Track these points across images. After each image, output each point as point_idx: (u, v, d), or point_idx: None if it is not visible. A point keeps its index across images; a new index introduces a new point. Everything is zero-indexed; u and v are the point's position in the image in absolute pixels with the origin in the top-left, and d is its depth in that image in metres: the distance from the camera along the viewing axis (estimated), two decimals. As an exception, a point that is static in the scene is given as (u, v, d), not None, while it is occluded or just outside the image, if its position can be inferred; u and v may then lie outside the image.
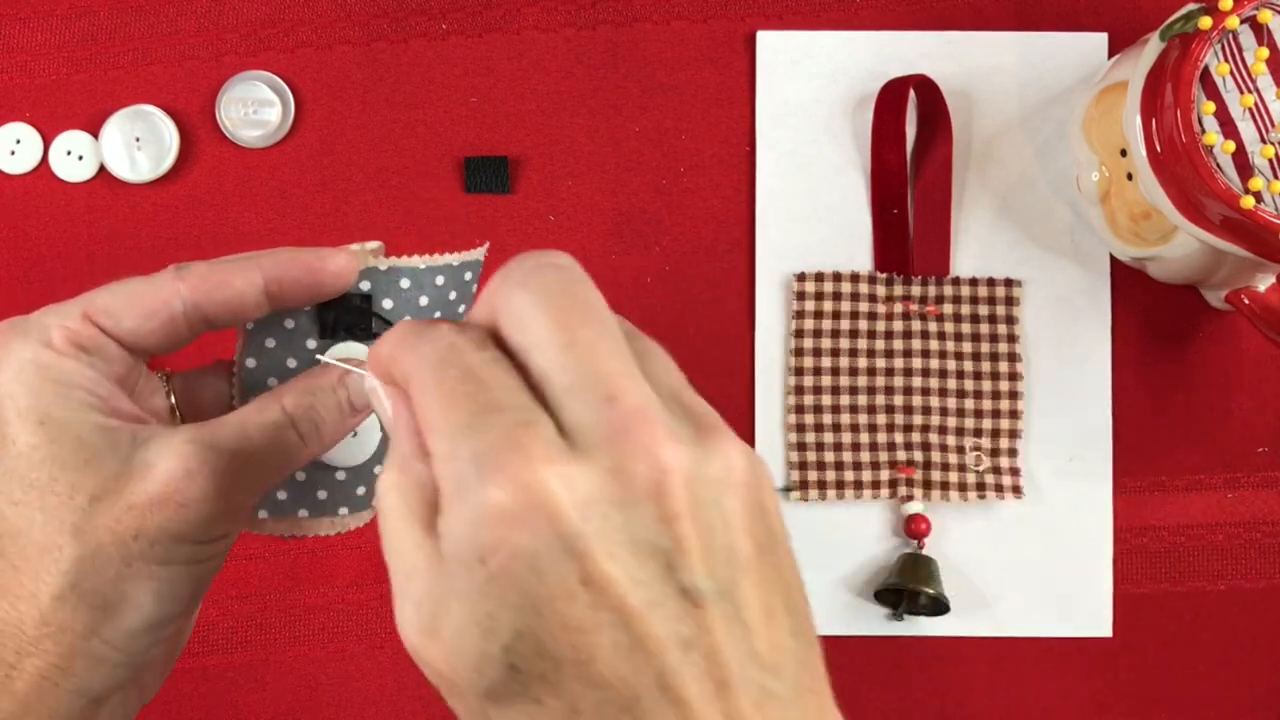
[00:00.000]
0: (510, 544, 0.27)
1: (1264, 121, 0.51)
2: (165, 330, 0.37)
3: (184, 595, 0.37)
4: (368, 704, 0.61)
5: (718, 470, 0.29)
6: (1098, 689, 0.61)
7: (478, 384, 0.28)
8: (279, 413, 0.38)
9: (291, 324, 0.40)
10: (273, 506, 0.41)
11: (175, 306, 0.37)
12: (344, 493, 0.42)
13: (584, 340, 0.29)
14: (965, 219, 0.61)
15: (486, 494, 0.27)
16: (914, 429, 0.61)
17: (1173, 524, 0.61)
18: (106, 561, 0.35)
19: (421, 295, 0.39)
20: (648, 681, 0.28)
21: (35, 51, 0.62)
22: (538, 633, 0.27)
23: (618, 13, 0.62)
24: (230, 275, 0.37)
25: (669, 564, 0.28)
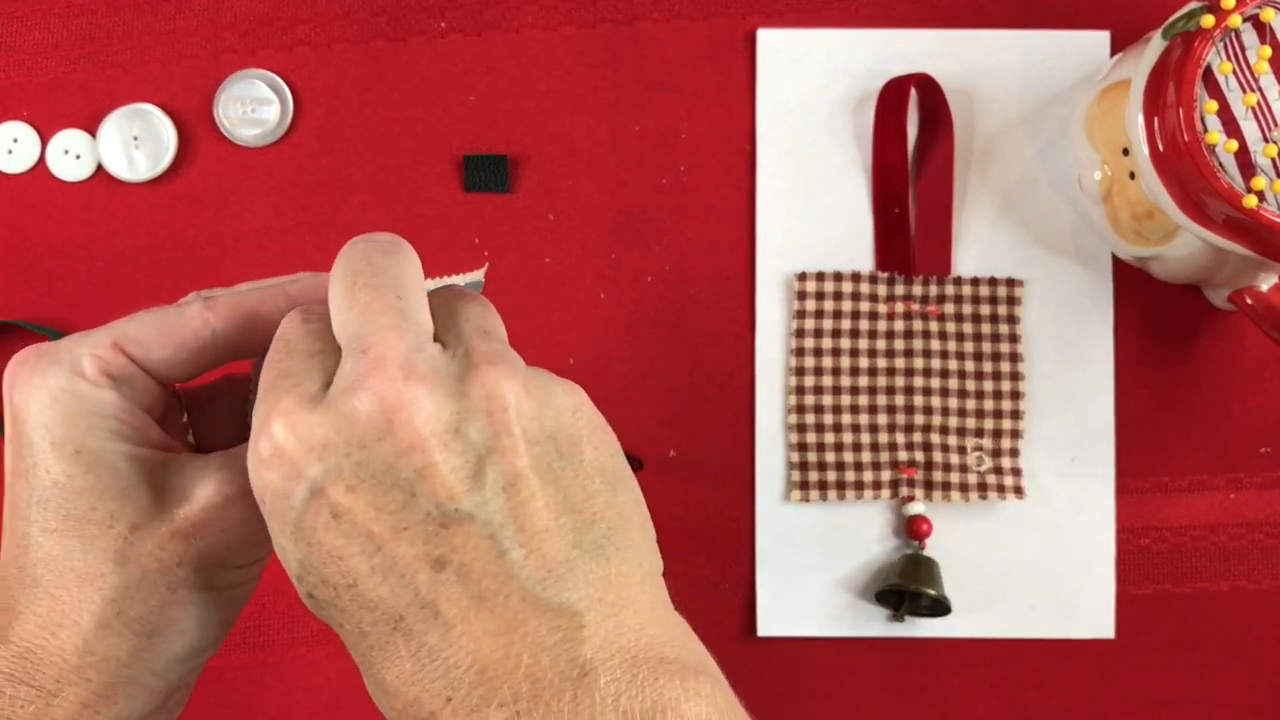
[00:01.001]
0: (270, 486, 0.32)
1: (1267, 120, 0.51)
2: (194, 361, 0.38)
3: (225, 618, 0.38)
4: (367, 704, 0.61)
5: (477, 399, 0.31)
6: (1100, 690, 0.61)
7: (286, 353, 0.33)
8: None
9: None
10: None
11: (205, 336, 0.37)
12: None
13: (361, 302, 0.32)
14: (967, 218, 0.61)
15: (257, 445, 0.32)
16: (915, 429, 0.60)
17: (1175, 524, 0.61)
18: (151, 589, 0.36)
19: None
20: (405, 601, 0.31)
21: (33, 50, 0.61)
22: (313, 562, 0.32)
23: (618, 11, 0.62)
24: (258, 304, 0.37)
25: (412, 491, 0.31)
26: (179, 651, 0.37)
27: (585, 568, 0.32)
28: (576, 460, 0.32)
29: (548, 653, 0.30)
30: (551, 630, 0.31)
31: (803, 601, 0.61)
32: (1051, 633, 0.61)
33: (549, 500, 0.32)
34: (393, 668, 0.31)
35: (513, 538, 0.31)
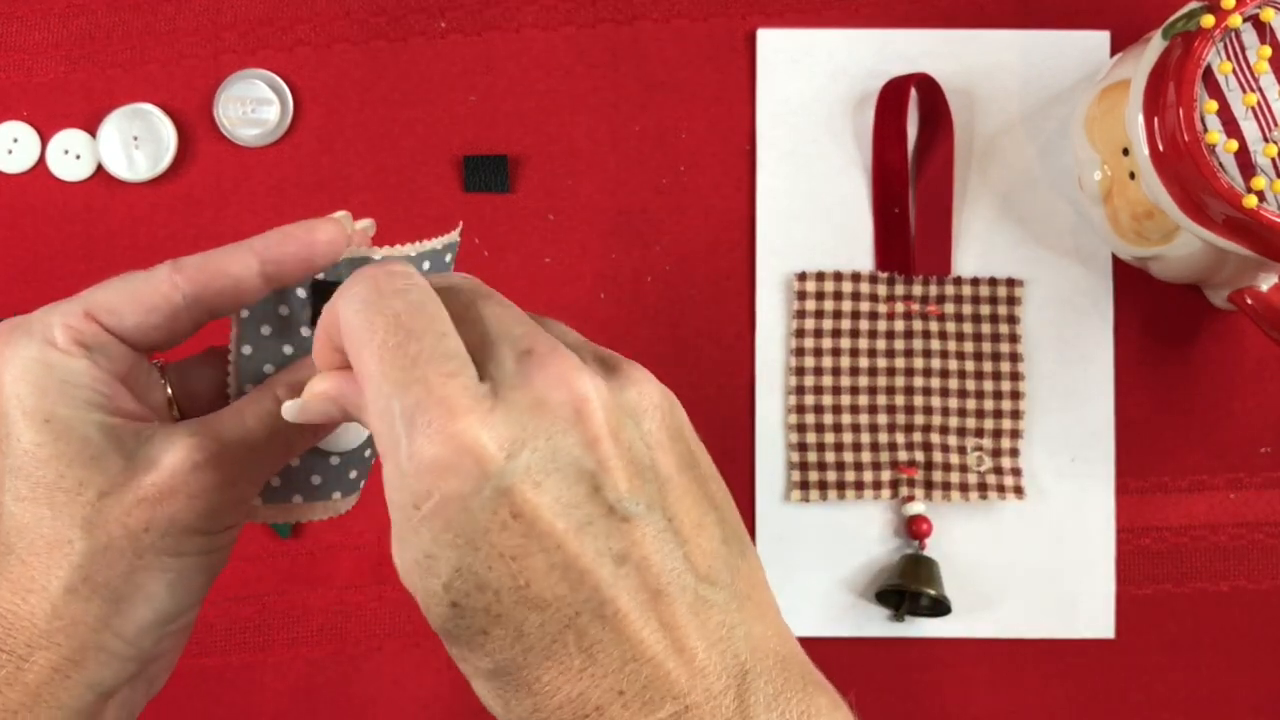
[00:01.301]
0: (440, 489, 0.29)
1: (1267, 120, 0.51)
2: (168, 325, 0.38)
3: (195, 586, 0.38)
4: (367, 704, 0.61)
5: (633, 397, 0.31)
6: (1100, 690, 0.61)
7: (406, 332, 0.31)
8: (273, 402, 0.38)
9: (286, 311, 0.40)
10: (267, 493, 0.41)
11: (176, 300, 0.38)
12: (337, 477, 0.42)
13: (493, 312, 0.32)
14: (967, 218, 0.61)
15: (416, 448, 0.29)
16: (915, 429, 0.60)
17: (1175, 524, 0.61)
18: (118, 555, 0.36)
19: None
20: (584, 597, 0.30)
21: (32, 50, 0.61)
22: (474, 567, 0.30)
23: (618, 11, 0.62)
24: (226, 263, 0.38)
25: (595, 485, 0.30)
26: (148, 618, 0.37)
27: (733, 564, 0.32)
28: (699, 459, 0.33)
29: (713, 651, 0.30)
30: (716, 627, 0.31)
31: (803, 601, 0.61)
32: (1051, 633, 0.61)
33: (696, 497, 0.32)
34: (555, 666, 0.30)
35: (676, 533, 0.31)
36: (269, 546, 0.61)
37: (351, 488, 0.43)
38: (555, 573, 0.30)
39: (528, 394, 0.30)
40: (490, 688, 0.31)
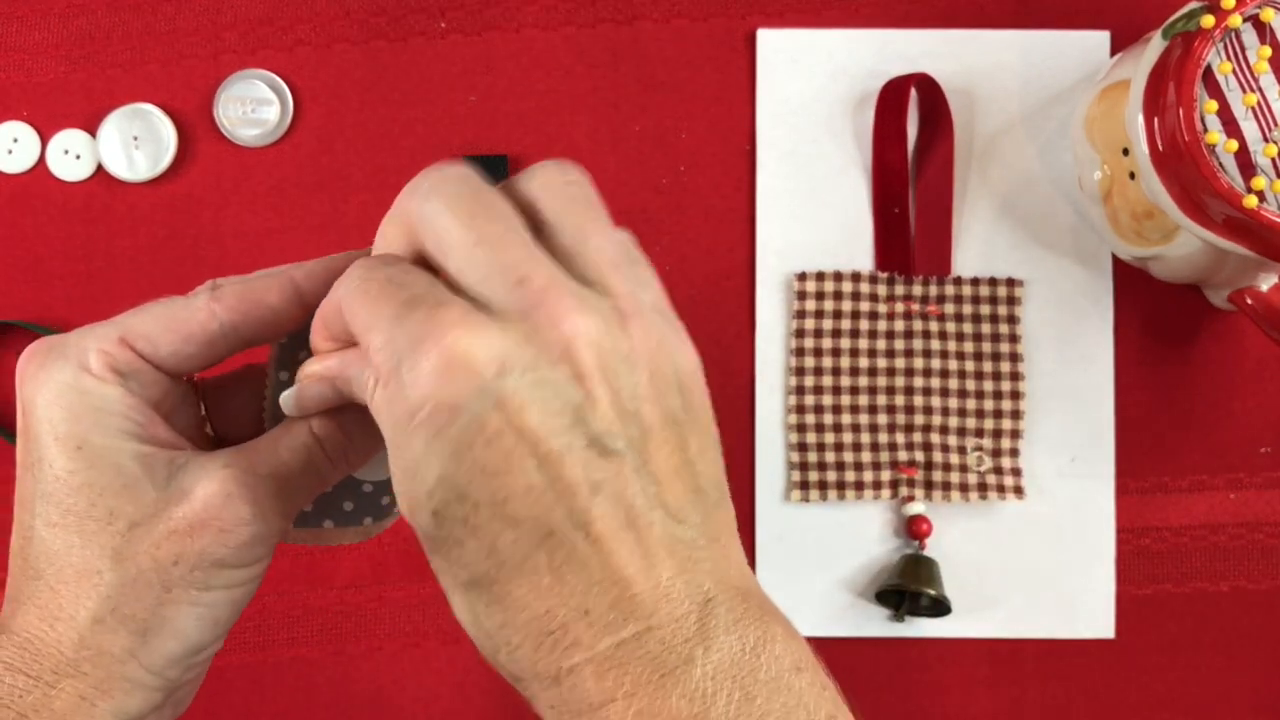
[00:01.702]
0: (435, 398, 0.30)
1: (1267, 120, 0.51)
2: (203, 354, 0.37)
3: (223, 619, 0.37)
4: (367, 704, 0.61)
5: (630, 345, 0.32)
6: (1100, 690, 0.61)
7: (398, 285, 0.32)
8: (307, 434, 0.37)
9: None
10: (299, 517, 0.41)
11: (213, 329, 0.37)
12: (369, 503, 0.41)
13: (491, 236, 0.32)
14: (966, 218, 0.61)
15: (416, 363, 0.31)
16: (915, 429, 0.60)
17: (1175, 525, 0.61)
18: (146, 587, 0.36)
19: None
20: (560, 516, 0.31)
21: (32, 50, 0.61)
22: (456, 478, 0.31)
23: (618, 11, 0.62)
24: (265, 293, 0.37)
25: (580, 416, 0.31)
26: (174, 651, 0.36)
27: (704, 510, 0.33)
28: (694, 417, 0.33)
29: (679, 579, 0.32)
30: (684, 559, 0.32)
31: (803, 601, 0.61)
32: (1051, 633, 0.61)
33: (674, 448, 0.33)
34: (526, 582, 0.31)
35: (650, 476, 0.32)
36: (269, 546, 0.61)
37: (383, 514, 0.42)
38: (533, 492, 0.31)
39: (521, 325, 0.31)
40: (464, 601, 0.33)
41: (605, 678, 0.32)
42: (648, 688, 0.31)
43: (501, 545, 0.31)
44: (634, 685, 0.31)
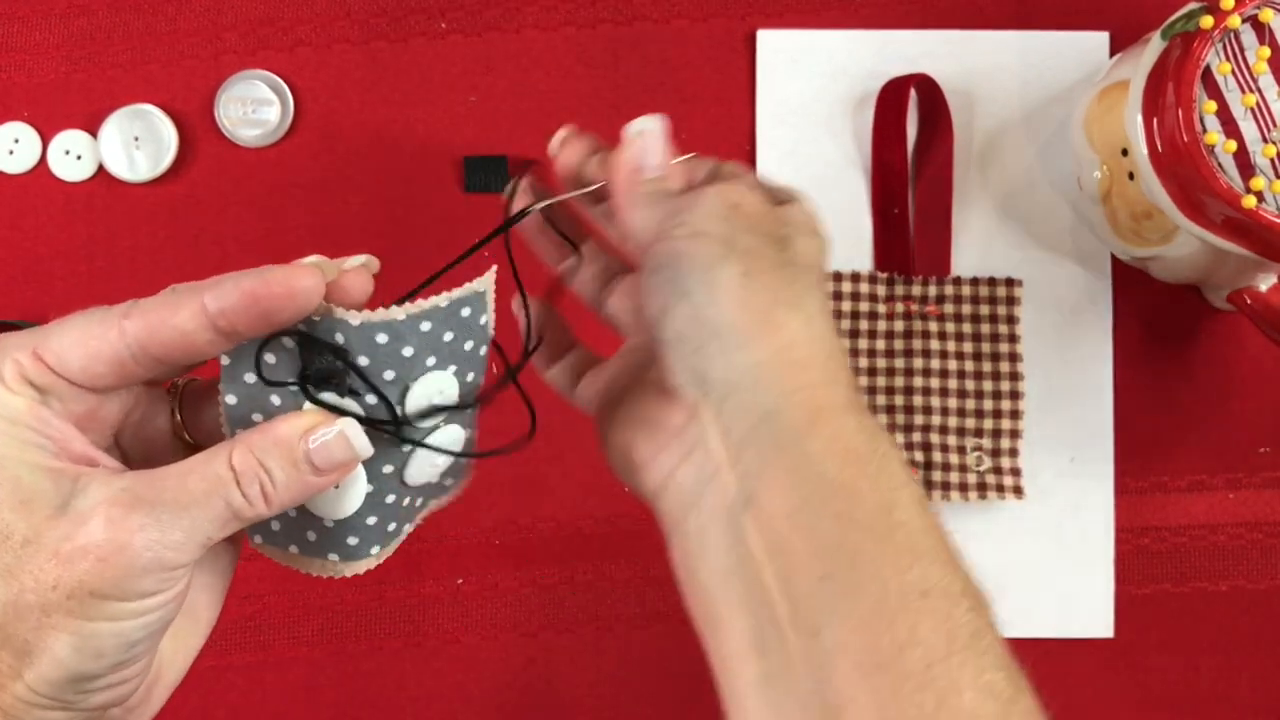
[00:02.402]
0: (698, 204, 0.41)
1: (1266, 121, 0.51)
2: (115, 372, 0.35)
3: (108, 652, 0.34)
4: (367, 704, 0.61)
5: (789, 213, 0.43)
6: (1099, 689, 0.61)
7: None
8: (224, 468, 0.35)
9: (273, 359, 0.36)
10: (266, 534, 0.40)
11: (120, 348, 0.35)
12: (332, 540, 0.39)
13: None
14: (966, 218, 0.61)
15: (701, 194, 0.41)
16: (915, 429, 0.60)
17: (1174, 524, 0.61)
18: (27, 609, 0.34)
19: (404, 346, 0.36)
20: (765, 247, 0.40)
21: (33, 51, 0.61)
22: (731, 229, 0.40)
23: (617, 11, 0.62)
24: (171, 313, 0.35)
25: (769, 214, 0.42)
26: (55, 677, 0.34)
27: None
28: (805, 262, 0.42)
29: None
30: None
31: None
32: (1051, 632, 0.61)
33: None
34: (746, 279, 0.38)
35: None
36: (269, 546, 0.61)
37: (352, 554, 0.40)
38: (750, 236, 0.40)
39: None
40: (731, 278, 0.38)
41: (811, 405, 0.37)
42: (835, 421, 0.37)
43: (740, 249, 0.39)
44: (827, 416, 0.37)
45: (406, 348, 0.36)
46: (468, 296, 0.37)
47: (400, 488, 0.39)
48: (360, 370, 0.36)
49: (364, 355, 0.36)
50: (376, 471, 0.38)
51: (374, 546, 0.40)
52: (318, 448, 0.36)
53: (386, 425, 0.37)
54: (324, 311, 0.36)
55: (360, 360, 0.36)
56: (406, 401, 0.37)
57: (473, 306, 0.37)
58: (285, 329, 0.36)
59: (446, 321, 0.37)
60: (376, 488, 0.38)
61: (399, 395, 0.37)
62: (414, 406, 0.37)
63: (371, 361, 0.36)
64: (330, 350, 0.36)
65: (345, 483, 0.37)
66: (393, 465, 0.38)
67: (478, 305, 0.38)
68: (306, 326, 0.36)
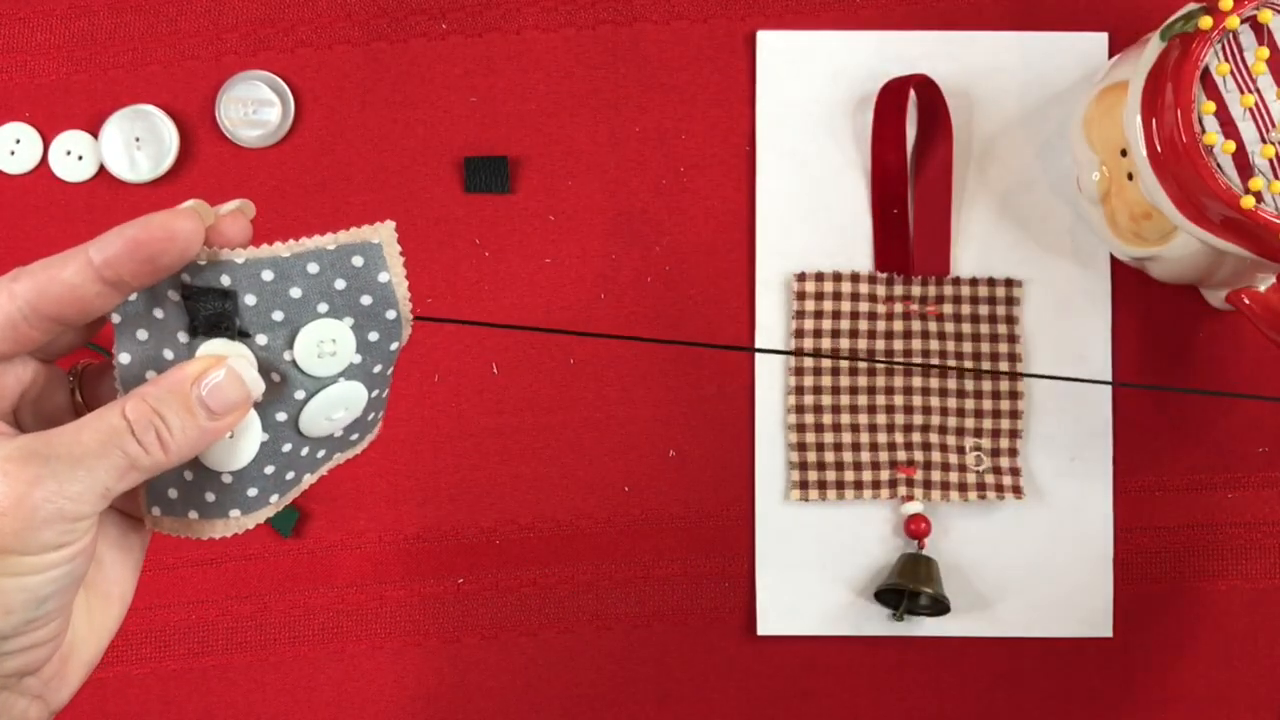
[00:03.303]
0: None
1: (1264, 121, 0.51)
2: (9, 337, 0.36)
3: (15, 607, 0.35)
4: (367, 704, 0.61)
5: None
6: (1099, 689, 0.61)
7: None
8: (118, 418, 0.36)
9: (161, 314, 0.37)
10: (164, 505, 0.39)
11: (11, 311, 0.35)
12: (232, 495, 0.39)
13: None
14: (965, 219, 0.61)
15: None
16: (914, 429, 0.61)
17: (1173, 524, 0.61)
18: None
19: (292, 286, 0.37)
20: None
21: (35, 51, 0.62)
22: None
23: (617, 12, 0.62)
24: (59, 269, 0.35)
25: None
26: None
27: None
28: None
29: None
30: None
31: (802, 601, 0.61)
32: (1050, 632, 0.61)
33: None
34: None
35: None
36: (269, 546, 0.61)
37: (253, 505, 0.40)
38: None
39: None
40: None
41: None
42: None
43: None
44: None
45: (294, 288, 0.37)
46: (358, 245, 0.37)
47: (297, 438, 0.39)
48: (248, 312, 0.36)
49: (251, 294, 0.36)
50: (271, 420, 0.38)
51: (273, 495, 0.40)
52: (210, 390, 0.36)
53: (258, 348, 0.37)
54: (209, 256, 0.36)
55: (247, 299, 0.36)
56: (294, 345, 0.37)
57: (365, 256, 0.37)
58: (169, 277, 0.36)
59: (335, 267, 0.37)
60: (272, 436, 0.38)
61: (288, 338, 0.37)
62: (303, 351, 0.37)
63: (259, 300, 0.37)
64: (217, 294, 0.36)
65: (240, 431, 0.38)
66: (286, 414, 0.38)
67: (372, 256, 0.37)
68: (190, 275, 0.36)
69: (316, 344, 0.37)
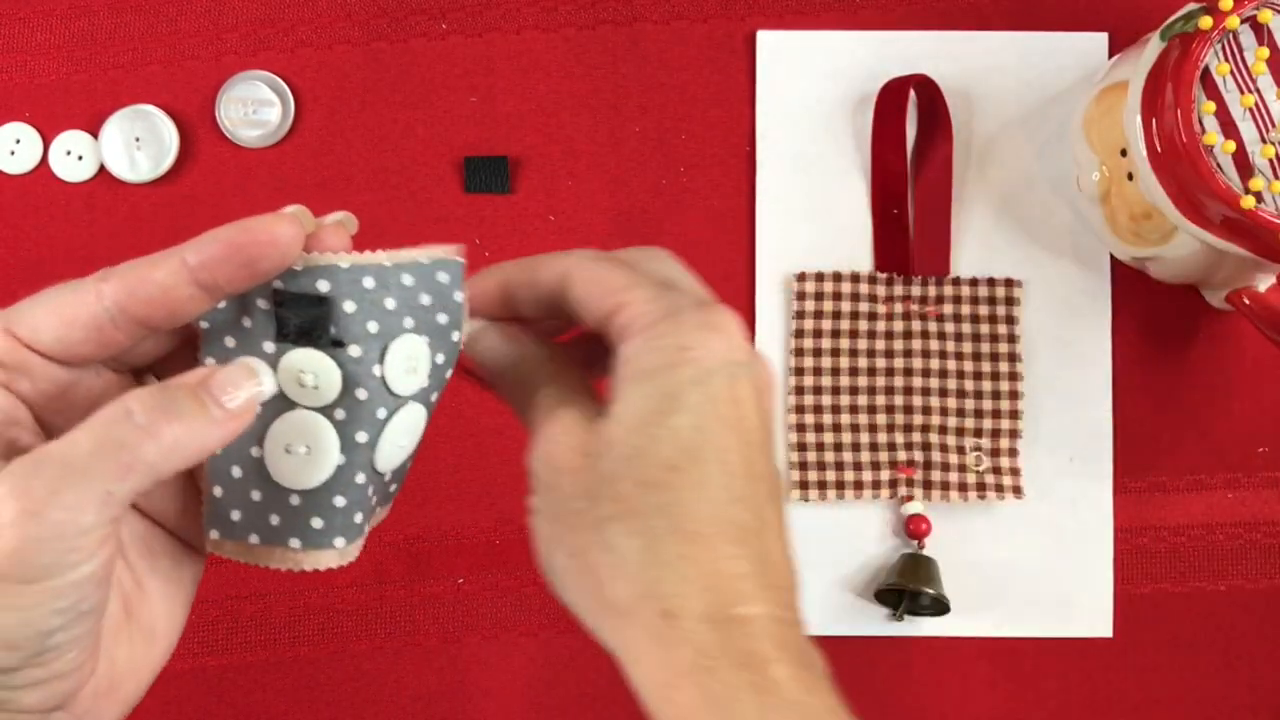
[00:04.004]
0: (702, 344, 0.36)
1: (1264, 121, 0.51)
2: (94, 339, 0.35)
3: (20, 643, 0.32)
4: (367, 704, 0.61)
5: None
6: (1098, 689, 0.61)
7: (633, 269, 0.38)
8: (116, 406, 0.33)
9: (249, 323, 0.36)
10: (225, 527, 0.38)
11: (99, 311, 0.34)
12: (297, 521, 0.37)
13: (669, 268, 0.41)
14: (965, 219, 0.61)
15: (708, 315, 0.36)
16: (914, 429, 0.61)
17: (1173, 524, 0.61)
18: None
19: (388, 297, 0.35)
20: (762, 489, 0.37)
21: (35, 51, 0.62)
22: (702, 411, 0.35)
23: (618, 12, 0.62)
24: (151, 269, 0.34)
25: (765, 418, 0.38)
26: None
27: None
28: None
29: None
30: None
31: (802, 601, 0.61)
32: (1050, 632, 0.61)
33: None
34: (722, 531, 0.35)
35: None
36: (270, 546, 0.61)
37: (315, 540, 0.38)
38: (741, 456, 0.36)
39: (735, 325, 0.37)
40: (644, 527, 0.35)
41: (768, 638, 0.35)
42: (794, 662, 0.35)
43: (710, 482, 0.35)
44: (786, 653, 0.35)
45: (389, 298, 0.36)
46: (447, 261, 0.36)
47: (369, 469, 0.37)
48: (344, 319, 0.35)
49: (351, 300, 0.35)
50: (350, 439, 0.36)
51: (338, 537, 0.38)
52: (218, 378, 0.34)
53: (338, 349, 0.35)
54: (306, 262, 0.35)
55: (346, 306, 0.35)
56: (385, 361, 0.36)
57: (450, 273, 0.37)
58: (263, 284, 0.35)
59: (424, 282, 0.36)
60: (348, 459, 0.36)
61: (379, 352, 0.36)
62: (392, 366, 0.36)
63: (358, 308, 0.35)
64: (312, 300, 0.35)
65: (317, 448, 0.36)
66: (367, 434, 0.36)
67: (455, 273, 0.37)
68: (284, 280, 0.35)
69: (404, 359, 0.36)
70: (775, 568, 0.36)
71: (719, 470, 0.35)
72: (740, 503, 0.36)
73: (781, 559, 0.37)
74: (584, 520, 0.36)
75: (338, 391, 0.35)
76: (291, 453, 0.36)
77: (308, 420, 0.36)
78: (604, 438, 0.36)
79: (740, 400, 0.36)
